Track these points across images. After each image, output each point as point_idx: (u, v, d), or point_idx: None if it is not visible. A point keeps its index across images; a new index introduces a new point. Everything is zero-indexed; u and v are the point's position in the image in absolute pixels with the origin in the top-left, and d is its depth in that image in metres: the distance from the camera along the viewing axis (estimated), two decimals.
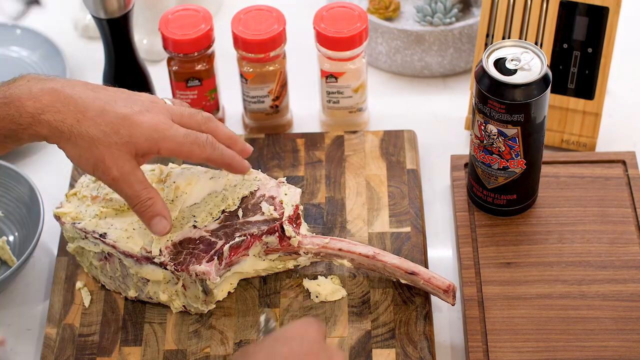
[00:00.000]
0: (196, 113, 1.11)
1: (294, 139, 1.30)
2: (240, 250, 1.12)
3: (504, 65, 1.10)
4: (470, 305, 1.12)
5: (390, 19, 1.40)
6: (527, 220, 1.19)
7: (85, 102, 1.04)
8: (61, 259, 1.20)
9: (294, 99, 1.35)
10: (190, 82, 1.29)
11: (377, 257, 1.12)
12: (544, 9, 1.24)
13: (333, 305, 1.14)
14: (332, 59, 1.26)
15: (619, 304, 1.11)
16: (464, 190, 1.22)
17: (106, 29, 1.26)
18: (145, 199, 1.07)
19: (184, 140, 1.06)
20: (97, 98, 1.05)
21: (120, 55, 1.29)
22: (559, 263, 1.14)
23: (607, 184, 1.21)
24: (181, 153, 1.07)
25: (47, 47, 1.44)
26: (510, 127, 1.10)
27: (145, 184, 1.07)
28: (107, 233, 1.12)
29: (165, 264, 1.10)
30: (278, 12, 1.27)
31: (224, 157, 1.10)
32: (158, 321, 1.14)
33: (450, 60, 1.39)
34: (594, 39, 1.24)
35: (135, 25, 1.32)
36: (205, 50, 1.27)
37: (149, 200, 1.07)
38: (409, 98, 1.39)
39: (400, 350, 1.09)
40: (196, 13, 1.27)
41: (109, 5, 1.23)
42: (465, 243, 1.17)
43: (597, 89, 1.26)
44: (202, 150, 1.08)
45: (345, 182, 1.25)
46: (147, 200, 1.07)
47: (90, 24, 1.48)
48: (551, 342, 1.08)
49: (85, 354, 1.11)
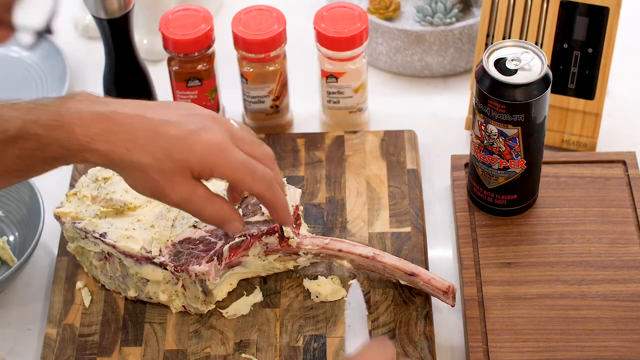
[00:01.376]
0: (258, 144, 1.03)
1: (294, 139, 1.30)
2: (240, 251, 1.12)
3: (505, 65, 1.10)
4: (471, 305, 1.12)
5: (390, 19, 1.40)
6: (528, 220, 1.19)
7: (135, 127, 0.98)
8: (61, 258, 1.20)
9: (294, 99, 1.35)
10: (190, 82, 1.29)
11: (376, 258, 1.12)
12: (544, 9, 1.24)
13: (333, 305, 1.14)
14: (332, 59, 1.26)
15: (619, 304, 1.11)
16: (464, 191, 1.22)
17: (106, 29, 1.26)
18: (212, 213, 1.01)
19: (240, 167, 0.99)
20: (149, 121, 0.98)
21: (121, 55, 1.29)
22: (559, 263, 1.14)
23: (608, 184, 1.21)
24: (234, 180, 1.00)
25: (47, 47, 1.44)
26: (511, 127, 1.10)
27: (209, 197, 1.00)
28: (107, 233, 1.12)
29: (165, 264, 1.10)
30: (278, 12, 1.27)
31: (277, 199, 1.02)
32: (158, 321, 1.14)
33: (451, 60, 1.39)
34: (594, 39, 1.24)
35: (135, 25, 1.32)
36: (206, 50, 1.27)
37: (216, 212, 1.01)
38: (409, 98, 1.39)
39: (401, 350, 1.09)
40: (196, 13, 1.27)
41: (109, 6, 1.23)
42: (465, 243, 1.17)
43: (597, 89, 1.26)
44: (255, 184, 1.00)
45: (346, 182, 1.25)
46: (214, 213, 1.01)
47: (90, 24, 1.48)
48: (551, 342, 1.08)
49: (85, 354, 1.11)
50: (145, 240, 1.11)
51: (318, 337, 1.11)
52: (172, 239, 1.11)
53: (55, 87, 1.41)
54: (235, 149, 0.99)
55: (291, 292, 1.15)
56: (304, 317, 1.13)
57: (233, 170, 0.99)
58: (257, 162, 1.00)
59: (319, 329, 1.12)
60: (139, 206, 1.14)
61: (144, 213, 1.14)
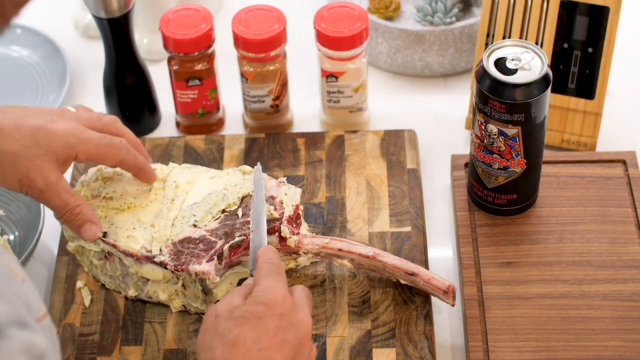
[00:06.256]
0: (102, 116, 1.12)
1: (295, 138, 1.30)
2: (240, 250, 1.12)
3: (505, 65, 1.10)
4: (471, 304, 1.12)
5: (390, 18, 1.40)
6: (528, 219, 1.19)
7: None
8: (61, 258, 1.20)
9: (294, 98, 1.35)
10: (190, 82, 1.29)
11: (376, 257, 1.12)
12: (544, 8, 1.24)
13: (333, 304, 1.14)
14: (332, 58, 1.26)
15: (619, 303, 1.11)
16: (465, 190, 1.22)
17: (106, 28, 1.26)
18: (73, 206, 1.08)
19: (99, 142, 1.08)
20: (6, 117, 1.06)
21: (121, 54, 1.29)
22: (559, 263, 1.14)
23: (608, 183, 1.21)
24: (98, 155, 1.09)
25: (47, 46, 1.44)
26: (511, 127, 1.10)
27: (72, 192, 1.08)
28: (107, 232, 1.12)
29: (165, 263, 1.10)
30: (278, 11, 1.27)
31: (137, 160, 1.12)
32: (158, 320, 1.14)
33: (451, 60, 1.39)
34: (594, 38, 1.24)
35: (135, 25, 1.32)
36: (206, 49, 1.27)
37: (77, 208, 1.08)
38: (409, 98, 1.39)
39: (401, 350, 1.09)
40: (197, 12, 1.27)
41: (110, 5, 1.23)
42: (465, 243, 1.17)
43: (597, 88, 1.26)
44: (118, 152, 1.10)
45: (346, 182, 1.25)
46: (75, 207, 1.08)
47: (90, 24, 1.48)
48: (551, 342, 1.08)
49: (85, 353, 1.11)
50: (145, 240, 1.11)
51: (318, 337, 1.11)
52: (172, 238, 1.11)
53: (55, 87, 1.41)
54: (88, 129, 1.09)
55: None
56: None
57: (95, 146, 1.08)
58: (110, 135, 1.10)
59: (318, 328, 1.12)
60: (139, 205, 1.14)
61: (144, 212, 1.14)
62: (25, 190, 1.06)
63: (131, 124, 1.35)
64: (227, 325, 0.91)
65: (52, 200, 1.07)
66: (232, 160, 1.28)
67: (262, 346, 0.89)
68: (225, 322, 0.92)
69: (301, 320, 0.93)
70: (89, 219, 1.09)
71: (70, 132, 1.07)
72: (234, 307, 0.93)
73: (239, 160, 1.28)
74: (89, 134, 1.08)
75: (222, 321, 0.92)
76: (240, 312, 0.92)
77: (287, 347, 0.90)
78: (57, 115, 1.08)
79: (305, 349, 0.93)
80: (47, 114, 1.08)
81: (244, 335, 0.90)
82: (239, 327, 0.91)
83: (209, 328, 0.93)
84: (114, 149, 1.09)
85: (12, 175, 1.05)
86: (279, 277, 0.96)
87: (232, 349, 0.89)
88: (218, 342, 0.90)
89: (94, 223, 1.09)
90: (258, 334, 0.90)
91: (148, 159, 1.16)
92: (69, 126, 1.07)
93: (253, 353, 0.89)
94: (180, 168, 1.19)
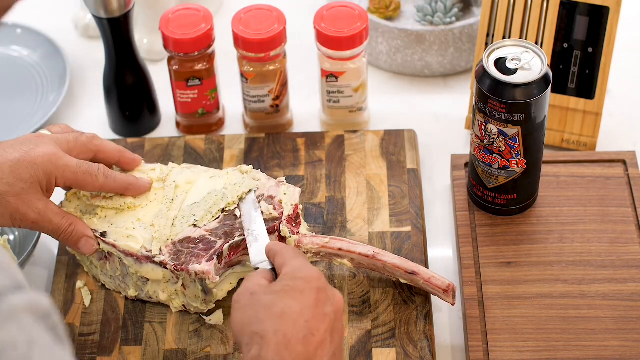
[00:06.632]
0: (79, 135, 1.13)
1: (295, 138, 1.30)
2: (239, 250, 1.12)
3: (505, 64, 1.10)
4: (471, 304, 1.12)
5: (390, 18, 1.40)
6: (528, 219, 1.19)
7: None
8: (61, 258, 1.20)
9: (294, 98, 1.35)
10: (190, 82, 1.29)
11: (377, 256, 1.12)
12: (544, 8, 1.24)
13: None
14: (332, 58, 1.26)
15: (619, 303, 1.11)
16: (465, 190, 1.22)
17: (106, 28, 1.26)
18: (67, 226, 1.10)
19: (77, 170, 1.09)
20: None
21: (121, 54, 1.29)
22: (559, 262, 1.14)
23: (608, 183, 1.21)
24: (76, 182, 1.10)
25: (47, 46, 1.44)
26: (511, 127, 1.10)
27: (62, 213, 1.10)
28: (107, 232, 1.12)
29: (165, 263, 1.10)
30: (278, 11, 1.27)
31: (118, 183, 1.13)
32: (158, 320, 1.14)
33: (451, 59, 1.39)
34: (594, 38, 1.24)
35: (135, 25, 1.32)
36: (206, 49, 1.27)
37: (70, 227, 1.11)
38: (409, 98, 1.39)
39: (401, 350, 1.09)
40: (197, 12, 1.27)
41: (110, 5, 1.23)
42: (465, 242, 1.17)
43: (597, 88, 1.26)
44: (96, 179, 1.11)
45: (346, 182, 1.25)
46: (68, 227, 1.10)
47: (90, 24, 1.48)
48: (551, 342, 1.08)
49: (85, 353, 1.11)
50: (145, 240, 1.11)
51: None
52: (172, 238, 1.11)
53: (55, 87, 1.41)
54: (67, 156, 1.09)
55: None
56: None
57: (73, 173, 1.09)
58: (89, 162, 1.11)
59: None
60: (139, 205, 1.14)
61: (144, 212, 1.14)
62: (18, 225, 1.08)
63: (131, 124, 1.35)
64: (270, 299, 0.92)
65: (45, 227, 1.09)
66: (232, 160, 1.28)
67: (308, 317, 0.91)
68: (266, 296, 0.93)
69: (336, 295, 0.95)
70: (83, 234, 1.11)
71: (49, 159, 1.07)
72: (266, 285, 0.95)
73: (239, 160, 1.28)
74: (67, 160, 1.09)
75: (262, 296, 0.93)
76: (280, 286, 0.94)
77: (328, 319, 0.92)
78: (33, 143, 1.08)
79: (340, 324, 0.94)
80: (24, 144, 1.08)
81: (289, 307, 0.91)
82: (283, 299, 0.92)
83: (247, 304, 0.93)
84: (91, 177, 1.10)
85: (2, 213, 1.06)
86: (304, 258, 0.98)
87: (280, 320, 0.90)
88: (264, 314, 0.91)
89: (90, 237, 1.12)
90: (301, 306, 0.91)
91: (136, 161, 1.16)
92: (48, 152, 1.08)
93: (300, 324, 0.90)
94: (180, 168, 1.19)
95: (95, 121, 1.38)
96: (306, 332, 0.90)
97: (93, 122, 1.38)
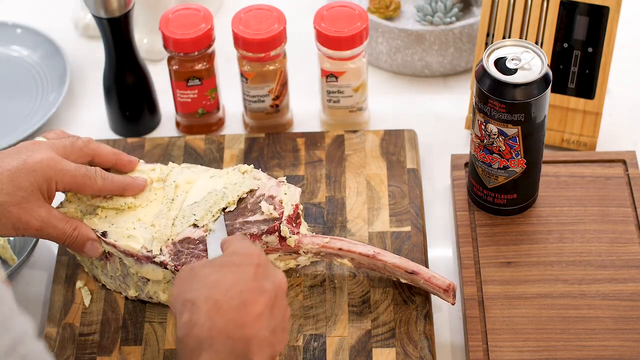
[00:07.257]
0: (75, 139, 1.13)
1: (294, 138, 1.30)
2: None
3: (505, 64, 1.10)
4: (471, 304, 1.12)
5: (390, 18, 1.40)
6: (528, 219, 1.19)
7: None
8: (61, 258, 1.20)
9: (294, 98, 1.35)
10: (190, 82, 1.29)
11: (377, 256, 1.12)
12: (544, 8, 1.24)
13: (333, 304, 1.14)
14: (332, 58, 1.26)
15: (619, 303, 1.11)
16: (464, 190, 1.22)
17: (106, 28, 1.26)
18: (71, 231, 1.10)
19: (76, 173, 1.09)
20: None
21: (121, 54, 1.29)
22: (559, 262, 1.14)
23: (608, 183, 1.21)
24: (75, 186, 1.10)
25: (47, 46, 1.44)
26: (511, 127, 1.10)
27: (65, 218, 1.10)
28: (107, 232, 1.12)
29: (166, 263, 1.10)
30: (278, 11, 1.27)
31: (115, 184, 1.13)
32: (158, 320, 1.14)
33: (451, 59, 1.39)
34: (594, 38, 1.24)
35: (135, 25, 1.32)
36: (206, 49, 1.27)
37: (75, 231, 1.11)
38: (409, 97, 1.39)
39: (401, 350, 1.09)
40: (197, 12, 1.27)
41: (110, 5, 1.23)
42: (465, 242, 1.17)
43: (597, 88, 1.26)
44: (94, 182, 1.11)
45: (346, 182, 1.25)
46: (72, 231, 1.10)
47: (90, 23, 1.48)
48: (551, 342, 1.08)
49: (85, 353, 1.11)
50: (145, 239, 1.11)
51: (318, 337, 1.11)
52: (173, 238, 1.11)
53: (55, 87, 1.41)
54: (64, 160, 1.09)
55: (291, 291, 1.15)
56: (304, 317, 1.13)
57: (72, 177, 1.09)
58: (86, 166, 1.11)
59: (318, 328, 1.12)
60: (139, 205, 1.14)
61: (144, 212, 1.14)
62: (21, 234, 1.08)
63: (131, 124, 1.35)
64: (206, 272, 0.94)
65: (50, 234, 1.09)
66: (232, 160, 1.28)
67: (242, 288, 0.92)
68: (203, 269, 0.94)
69: (278, 274, 0.96)
70: (88, 237, 1.11)
71: (47, 164, 1.07)
72: (206, 261, 0.97)
73: (239, 160, 1.28)
74: (65, 164, 1.09)
75: (199, 269, 0.95)
76: (219, 261, 0.96)
77: (266, 295, 0.93)
78: (30, 150, 1.08)
79: (282, 303, 0.95)
80: (21, 152, 1.08)
81: (223, 277, 0.93)
82: (219, 272, 0.94)
83: (185, 277, 0.95)
84: (89, 180, 1.10)
85: (4, 224, 1.06)
86: (250, 242, 0.99)
87: (213, 288, 0.92)
88: (198, 284, 0.93)
89: (94, 240, 1.12)
90: (237, 277, 0.93)
91: (133, 163, 1.17)
92: (45, 157, 1.08)
93: (233, 293, 0.91)
94: (180, 168, 1.19)
95: (95, 121, 1.38)
96: (240, 300, 0.91)
97: (93, 122, 1.38)
